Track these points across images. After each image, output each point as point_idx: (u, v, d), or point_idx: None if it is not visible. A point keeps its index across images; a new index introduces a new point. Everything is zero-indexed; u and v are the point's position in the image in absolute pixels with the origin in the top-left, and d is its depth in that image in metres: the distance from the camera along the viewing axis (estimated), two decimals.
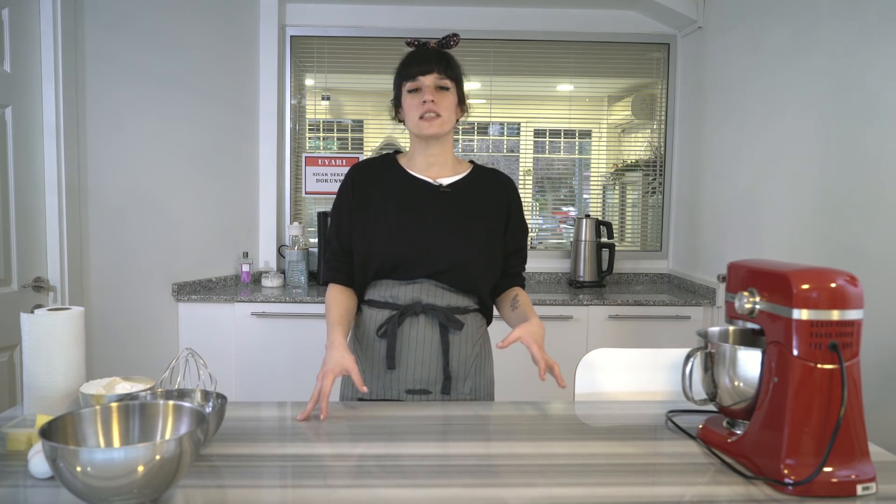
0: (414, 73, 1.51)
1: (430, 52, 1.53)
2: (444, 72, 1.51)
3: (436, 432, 1.28)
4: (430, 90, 1.50)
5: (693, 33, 3.28)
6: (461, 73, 1.58)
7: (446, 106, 1.52)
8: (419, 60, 1.52)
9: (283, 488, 1.02)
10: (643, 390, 1.56)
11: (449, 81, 1.52)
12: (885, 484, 1.04)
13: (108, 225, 2.57)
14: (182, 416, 1.02)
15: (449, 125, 1.54)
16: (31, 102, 2.27)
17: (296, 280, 3.20)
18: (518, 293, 1.62)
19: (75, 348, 1.28)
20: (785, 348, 1.05)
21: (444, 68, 1.52)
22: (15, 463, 1.08)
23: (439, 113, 1.50)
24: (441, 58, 1.52)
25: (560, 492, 1.01)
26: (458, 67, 1.57)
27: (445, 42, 1.56)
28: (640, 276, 3.54)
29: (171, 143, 2.85)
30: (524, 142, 3.63)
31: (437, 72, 1.50)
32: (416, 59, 1.52)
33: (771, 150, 2.53)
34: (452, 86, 1.53)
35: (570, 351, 2.89)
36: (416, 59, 1.52)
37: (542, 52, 3.48)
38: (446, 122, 1.52)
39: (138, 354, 2.69)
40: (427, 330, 1.52)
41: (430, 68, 1.50)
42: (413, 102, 1.52)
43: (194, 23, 2.93)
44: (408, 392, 1.53)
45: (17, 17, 2.21)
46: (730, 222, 2.88)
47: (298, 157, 3.47)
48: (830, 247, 2.17)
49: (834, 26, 2.17)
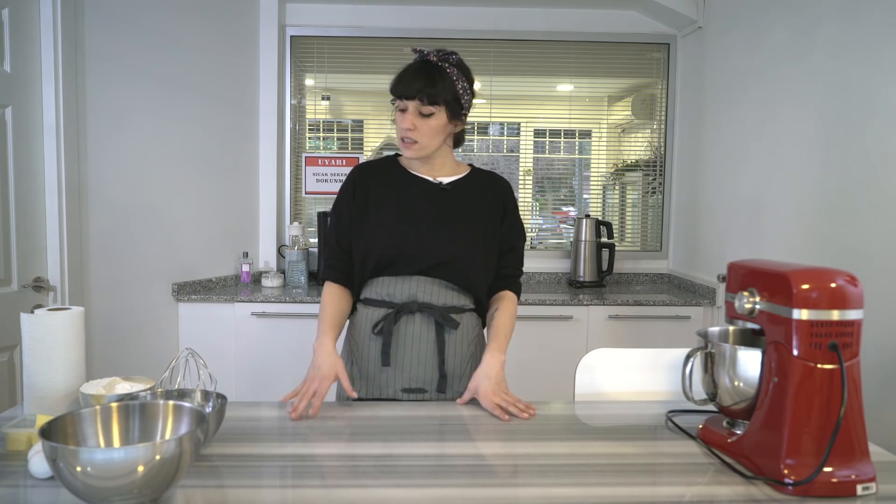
0: (399, 93, 1.49)
1: (417, 74, 1.48)
2: (427, 98, 1.46)
3: (434, 432, 1.28)
4: (411, 116, 1.48)
5: (693, 33, 3.28)
6: (457, 87, 1.50)
7: (426, 131, 1.49)
8: (406, 80, 1.48)
9: (282, 488, 1.02)
10: (643, 390, 1.56)
11: (432, 108, 1.47)
12: (885, 484, 1.04)
13: (108, 225, 2.57)
14: (182, 416, 1.02)
15: (429, 149, 1.53)
16: (31, 102, 2.27)
17: (296, 280, 3.20)
18: (500, 305, 1.59)
19: (75, 348, 1.28)
20: (785, 348, 1.05)
21: (430, 93, 1.46)
22: (15, 463, 1.08)
23: (416, 139, 1.50)
24: (429, 81, 1.47)
25: (560, 492, 1.01)
26: (451, 85, 1.49)
27: (444, 57, 1.51)
28: (640, 276, 3.54)
29: (171, 143, 2.85)
30: (524, 142, 3.63)
31: (418, 99, 1.46)
32: (405, 77, 1.49)
33: (771, 150, 2.53)
34: (440, 108, 1.48)
35: (570, 351, 2.89)
36: (404, 78, 1.49)
37: (542, 52, 3.48)
38: (424, 146, 1.51)
39: (138, 354, 2.69)
40: (423, 328, 1.53)
41: (413, 93, 1.46)
42: (398, 121, 1.51)
43: (194, 23, 2.93)
44: (403, 390, 1.53)
45: (17, 17, 2.21)
46: (730, 222, 2.88)
47: (298, 157, 3.47)
48: (830, 247, 2.17)
49: (834, 26, 2.17)
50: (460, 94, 1.51)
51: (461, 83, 1.51)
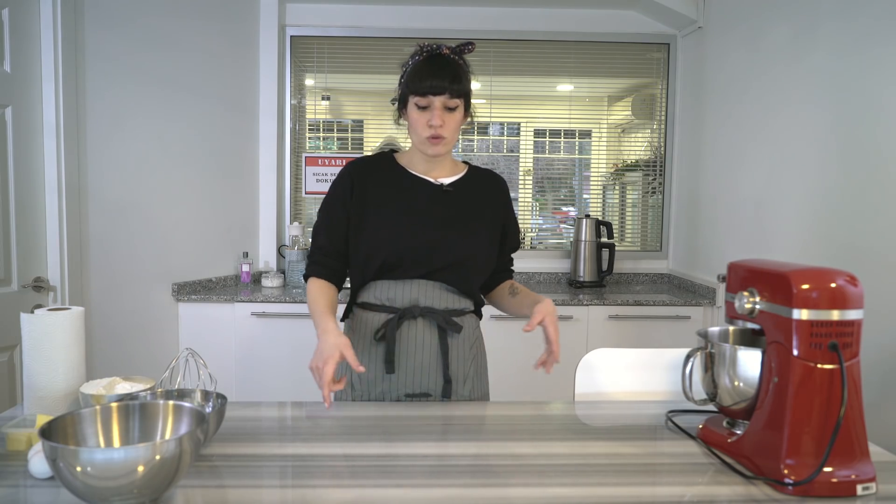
0: (425, 90, 1.43)
1: (443, 68, 1.44)
2: (454, 91, 1.43)
3: (435, 432, 1.28)
4: (440, 113, 1.44)
5: (693, 33, 3.28)
6: (470, 80, 1.50)
7: (453, 127, 1.47)
8: (432, 75, 1.42)
9: (283, 488, 1.02)
10: (643, 390, 1.55)
11: (458, 100, 1.45)
12: (885, 484, 1.04)
13: (108, 225, 2.57)
14: (182, 416, 1.02)
15: (452, 143, 1.51)
16: (31, 102, 2.27)
17: (296, 280, 3.20)
18: (513, 283, 1.67)
19: (75, 348, 1.28)
20: (785, 348, 1.05)
21: (456, 87, 1.43)
22: (15, 463, 1.08)
23: (445, 135, 1.47)
24: (455, 75, 1.44)
25: (560, 492, 1.01)
26: (468, 77, 1.49)
27: (460, 50, 1.48)
28: (640, 276, 3.54)
29: (171, 143, 2.85)
30: (524, 142, 3.63)
31: (448, 93, 1.42)
32: (429, 72, 1.43)
33: (771, 150, 2.53)
34: (461, 102, 1.46)
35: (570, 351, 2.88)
36: (429, 73, 1.43)
37: (542, 52, 3.48)
38: (450, 141, 1.49)
39: (138, 354, 2.69)
40: (426, 333, 1.51)
41: (443, 88, 1.42)
42: (421, 119, 1.45)
43: (194, 23, 2.93)
44: (407, 396, 1.52)
45: (17, 17, 2.21)
46: (730, 222, 2.88)
47: (298, 157, 3.47)
48: (830, 246, 2.17)
49: (834, 26, 2.17)
50: (470, 88, 1.51)
51: (469, 76, 1.51)
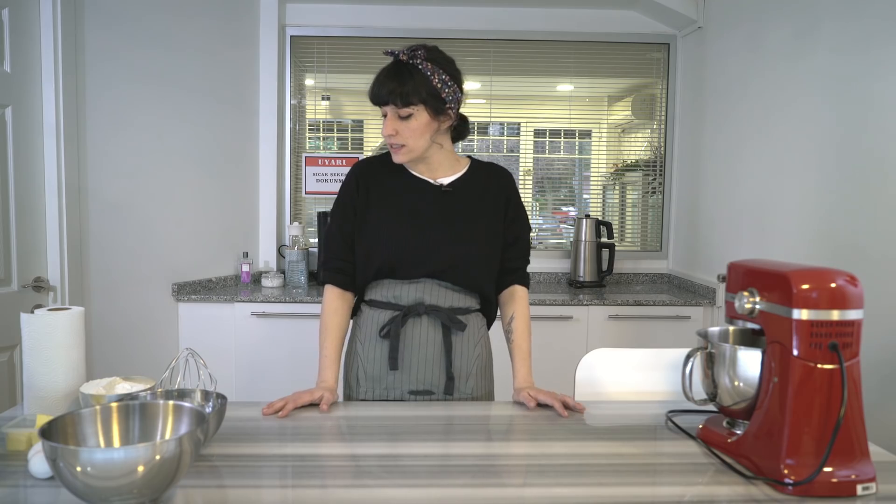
0: (374, 99, 1.46)
1: (390, 76, 1.43)
2: (401, 99, 1.42)
3: (436, 432, 1.28)
4: (391, 122, 1.46)
5: (693, 33, 3.28)
6: (433, 81, 1.43)
7: (409, 134, 1.45)
8: (379, 84, 1.45)
9: (283, 488, 1.02)
10: (643, 390, 1.56)
11: (408, 109, 1.43)
12: (885, 484, 1.04)
13: (108, 224, 2.57)
14: (182, 416, 1.02)
15: (417, 150, 1.49)
16: (31, 102, 2.27)
17: (296, 280, 3.20)
18: (515, 313, 1.62)
19: (75, 348, 1.28)
20: (785, 348, 1.05)
21: (402, 94, 1.41)
22: (15, 463, 1.08)
23: (402, 143, 1.47)
24: (399, 82, 1.42)
25: (560, 492, 1.01)
26: (425, 81, 1.43)
27: (412, 54, 1.44)
28: (640, 276, 3.54)
29: (171, 143, 2.85)
30: (524, 142, 3.62)
31: (392, 103, 1.43)
32: (377, 81, 1.46)
33: (771, 150, 2.53)
34: (418, 107, 1.43)
35: (570, 351, 2.88)
36: (377, 82, 1.45)
37: (542, 52, 3.48)
38: (412, 149, 1.48)
39: (138, 354, 2.69)
40: (430, 331, 1.52)
41: (385, 98, 1.43)
42: (383, 124, 1.48)
43: (194, 22, 2.92)
44: (411, 393, 1.53)
45: (17, 17, 2.21)
46: (730, 222, 2.87)
47: (298, 157, 3.47)
48: (830, 247, 2.17)
49: (834, 26, 2.17)
50: (438, 87, 1.44)
51: (438, 76, 1.44)
